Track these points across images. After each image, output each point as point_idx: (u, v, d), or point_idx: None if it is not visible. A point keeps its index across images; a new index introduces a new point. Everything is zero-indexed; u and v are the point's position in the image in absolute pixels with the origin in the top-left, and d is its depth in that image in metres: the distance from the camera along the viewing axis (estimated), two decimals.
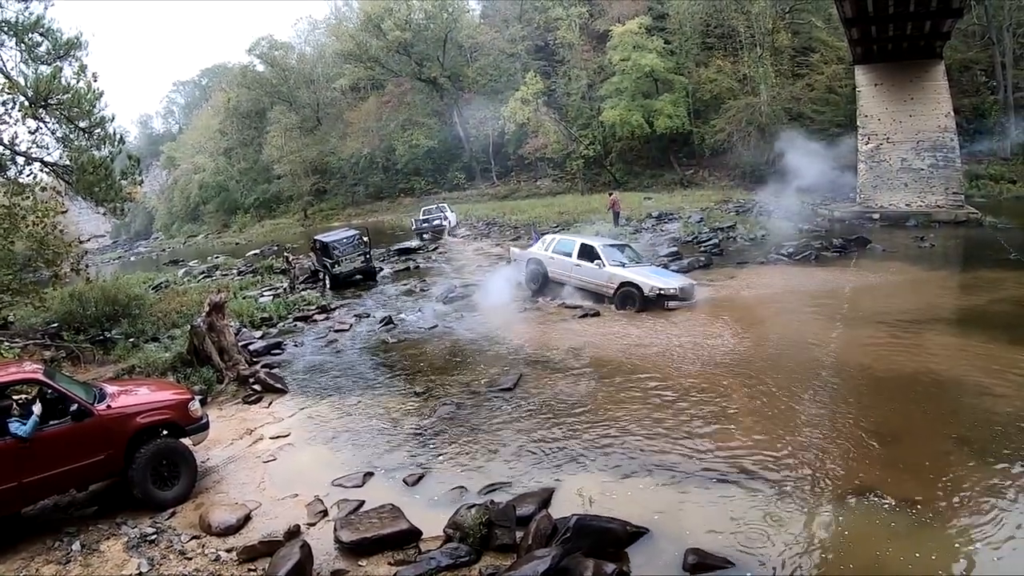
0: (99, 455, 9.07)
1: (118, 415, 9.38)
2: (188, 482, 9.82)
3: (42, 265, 19.06)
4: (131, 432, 9.39)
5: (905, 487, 8.24)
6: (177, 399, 10.23)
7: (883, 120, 33.14)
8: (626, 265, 19.78)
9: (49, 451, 8.68)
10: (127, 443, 9.32)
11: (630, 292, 18.73)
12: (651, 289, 18.31)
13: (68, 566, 8.14)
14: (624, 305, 18.78)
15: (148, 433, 9.60)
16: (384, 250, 35.13)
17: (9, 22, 21.07)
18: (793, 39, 50.87)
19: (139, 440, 9.45)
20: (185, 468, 9.81)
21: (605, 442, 10.27)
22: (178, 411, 10.01)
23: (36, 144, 21.38)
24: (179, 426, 9.97)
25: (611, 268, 19.46)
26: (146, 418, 9.60)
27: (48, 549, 8.51)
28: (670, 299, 18.19)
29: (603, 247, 20.32)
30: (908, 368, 12.44)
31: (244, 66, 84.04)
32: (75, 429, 8.92)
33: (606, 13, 57.54)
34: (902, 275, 20.93)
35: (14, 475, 8.41)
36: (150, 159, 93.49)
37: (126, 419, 9.42)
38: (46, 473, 8.65)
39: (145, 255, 72.06)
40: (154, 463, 9.49)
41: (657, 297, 18.20)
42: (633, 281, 18.76)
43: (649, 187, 51.93)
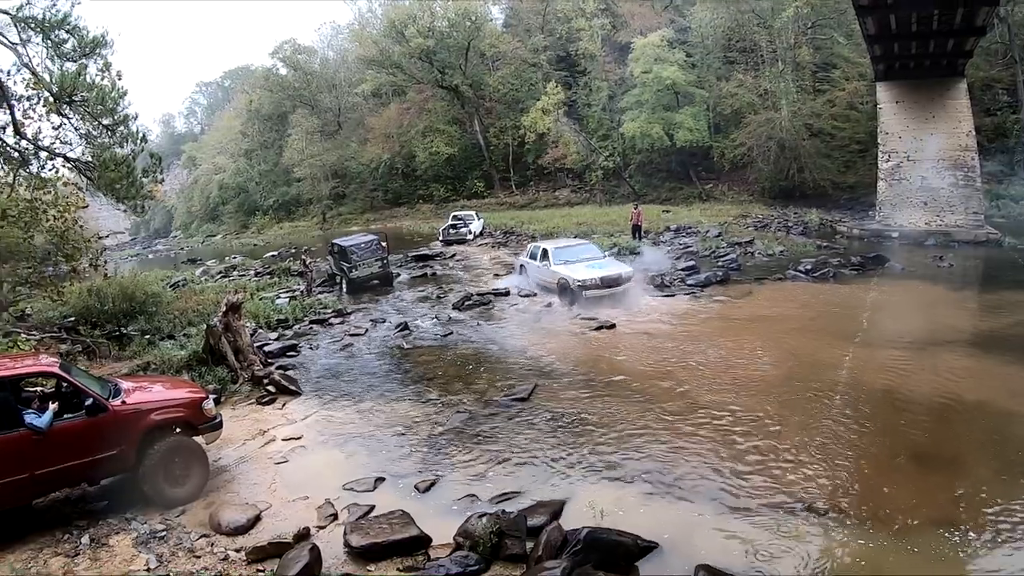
0: (112, 450, 9.11)
1: (132, 411, 9.43)
2: (199, 481, 9.84)
3: (61, 259, 19.14)
4: (145, 429, 9.43)
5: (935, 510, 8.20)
6: (191, 397, 10.28)
7: (904, 138, 32.96)
8: (570, 263, 22.44)
9: (63, 444, 8.72)
10: (140, 439, 9.37)
11: (565, 285, 21.65)
12: (574, 282, 21.22)
13: (76, 559, 8.17)
14: (562, 296, 21.69)
15: (161, 430, 9.63)
16: (401, 256, 35.09)
17: (36, 18, 21.25)
18: (815, 55, 50.48)
19: (152, 437, 9.50)
20: (197, 467, 9.84)
21: (618, 455, 10.22)
22: (192, 409, 10.06)
23: (59, 140, 21.58)
24: (192, 424, 10.02)
25: (555, 266, 22.52)
26: (160, 415, 9.65)
27: (57, 541, 8.56)
28: (590, 288, 20.90)
29: (554, 249, 23.68)
30: (928, 390, 12.33)
31: (267, 69, 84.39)
32: (89, 423, 8.97)
33: (628, 25, 57.50)
34: (920, 295, 20.74)
35: (27, 466, 8.46)
36: (171, 158, 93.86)
37: (140, 415, 9.47)
38: (58, 466, 8.70)
39: (163, 253, 72.34)
40: (166, 460, 9.51)
41: (579, 287, 21.00)
42: (564, 277, 21.68)
43: (668, 200, 51.76)
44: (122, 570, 7.86)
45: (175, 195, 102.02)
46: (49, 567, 7.96)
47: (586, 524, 7.98)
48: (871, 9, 26.81)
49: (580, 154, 56.31)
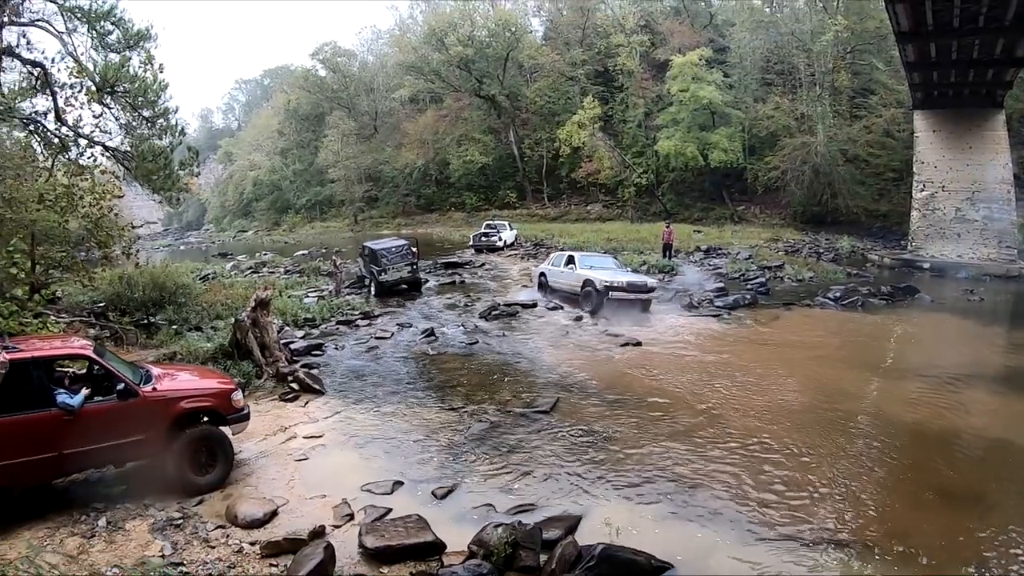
0: (140, 435, 9.26)
1: (163, 398, 9.57)
2: (224, 470, 9.99)
3: (94, 245, 19.34)
4: (174, 415, 9.57)
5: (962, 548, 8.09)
6: (221, 388, 10.42)
7: (939, 168, 32.76)
8: (596, 268, 23.37)
9: (92, 426, 8.88)
10: (169, 426, 9.50)
11: (589, 287, 22.31)
12: (600, 283, 21.93)
13: (92, 540, 8.24)
14: (587, 299, 22.38)
15: (190, 418, 9.78)
16: (431, 262, 35.18)
17: (82, 9, 21.62)
18: (853, 80, 50.33)
19: (181, 424, 9.64)
20: (222, 456, 9.99)
21: (637, 474, 10.14)
22: (221, 399, 10.18)
23: (99, 128, 21.94)
24: (221, 414, 10.14)
25: (580, 270, 23.44)
26: (189, 403, 9.78)
27: (75, 522, 8.64)
28: (616, 290, 21.69)
29: (581, 256, 25.03)
30: (953, 425, 12.14)
31: (307, 70, 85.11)
32: (120, 407, 9.13)
33: (667, 43, 57.44)
34: (949, 328, 20.55)
35: (56, 445, 8.64)
36: (207, 152, 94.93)
37: (170, 402, 9.60)
38: (87, 447, 8.88)
39: (195, 245, 73.05)
40: (193, 448, 9.68)
41: (606, 289, 21.73)
42: (591, 278, 22.40)
43: (699, 220, 51.71)
44: (137, 555, 7.90)
45: (209, 189, 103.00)
46: (65, 546, 8.01)
47: (601, 540, 7.93)
48: (911, 36, 26.71)
49: (614, 170, 56.27)
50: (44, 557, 7.19)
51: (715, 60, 53.68)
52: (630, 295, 21.58)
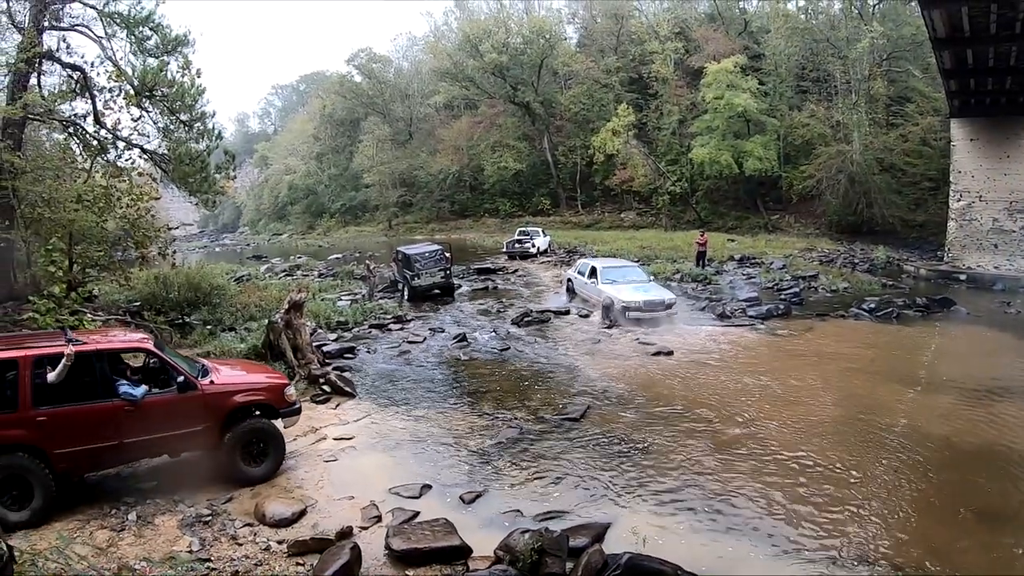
0: (197, 426, 9.72)
1: (220, 391, 10.05)
2: (275, 462, 10.39)
3: (131, 246, 19.66)
4: (230, 408, 10.03)
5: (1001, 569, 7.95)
6: (275, 383, 10.88)
7: (977, 177, 32.22)
8: (617, 283, 23.10)
9: (152, 416, 9.38)
10: (225, 418, 9.96)
11: (609, 304, 22.02)
12: (618, 302, 21.81)
13: (121, 534, 8.39)
14: (605, 314, 21.98)
15: (245, 411, 10.22)
16: (464, 268, 35.22)
17: (121, 14, 21.94)
18: (889, 87, 49.71)
19: (236, 416, 10.09)
20: (274, 449, 10.39)
21: (666, 484, 10.07)
22: (275, 394, 10.61)
23: (137, 131, 22.31)
24: (274, 408, 10.56)
25: (602, 284, 23.24)
26: (245, 397, 10.26)
27: (104, 515, 8.82)
28: (633, 310, 21.52)
29: (603, 268, 24.52)
30: (990, 442, 11.85)
31: (342, 75, 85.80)
32: (179, 399, 9.63)
33: (702, 50, 57.06)
34: (985, 342, 20.13)
35: (117, 434, 9.15)
36: (244, 156, 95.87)
37: (227, 395, 10.09)
38: (146, 436, 9.39)
39: (230, 247, 73.79)
40: (246, 440, 10.10)
41: (622, 308, 21.60)
42: (610, 296, 22.22)
43: (733, 229, 51.25)
44: (165, 549, 8.01)
45: (245, 192, 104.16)
46: (95, 539, 8.15)
47: (628, 550, 7.89)
48: (948, 42, 26.37)
49: (648, 177, 55.94)
50: (74, 548, 7.29)
51: (750, 67, 53.33)
52: (647, 313, 21.50)
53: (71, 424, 8.90)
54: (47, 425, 8.73)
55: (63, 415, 8.86)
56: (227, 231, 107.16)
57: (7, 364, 8.81)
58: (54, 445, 8.75)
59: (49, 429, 8.74)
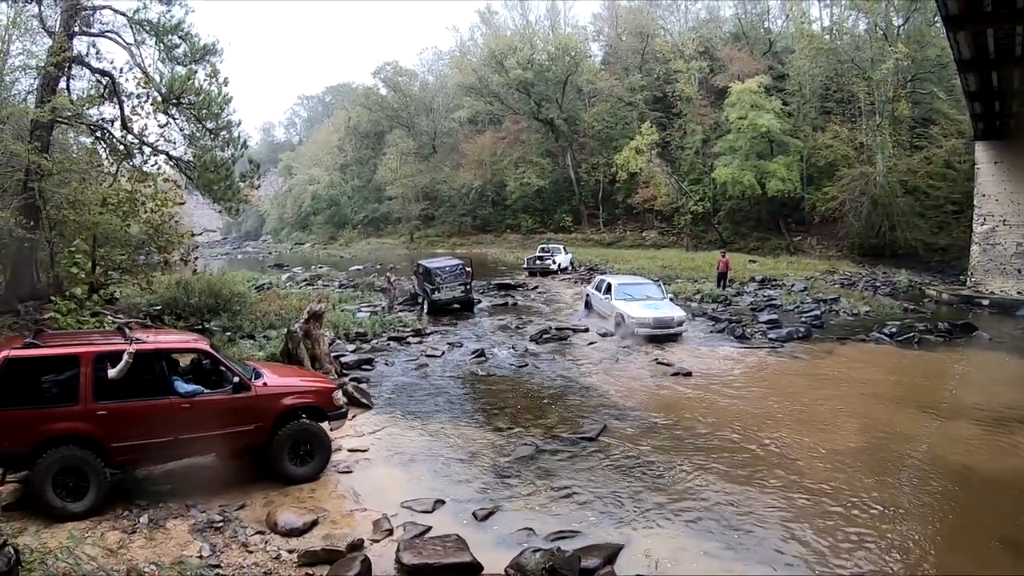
0: (249, 426, 10.08)
1: (272, 393, 10.41)
2: (321, 463, 10.68)
3: (154, 250, 19.83)
4: (281, 410, 10.35)
5: None
6: (324, 387, 11.31)
7: (1001, 201, 31.86)
8: (630, 300, 23.04)
9: (207, 414, 9.76)
10: (275, 419, 10.28)
11: (620, 320, 22.29)
12: (628, 319, 21.85)
13: (132, 536, 8.39)
14: (617, 329, 22.35)
15: (294, 413, 10.50)
16: (484, 283, 35.21)
17: (151, 22, 22.20)
18: (913, 109, 49.32)
19: (286, 418, 10.39)
20: (320, 450, 10.65)
21: (681, 507, 9.93)
22: (324, 397, 10.97)
23: (164, 138, 22.52)
24: (323, 411, 10.87)
25: (615, 301, 23.28)
26: (295, 399, 10.58)
27: (117, 517, 8.84)
28: (643, 327, 21.39)
29: (618, 285, 24.48)
30: (1014, 470, 11.63)
31: (368, 88, 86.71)
32: (233, 399, 10.03)
33: (726, 69, 57.21)
34: (1008, 368, 19.82)
35: (172, 430, 9.50)
36: (268, 165, 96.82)
37: (278, 397, 10.43)
38: (200, 434, 9.72)
39: (251, 255, 74.32)
40: (295, 441, 10.41)
41: (632, 324, 21.61)
42: (621, 312, 22.35)
43: (755, 250, 51.09)
44: (175, 554, 8.00)
45: (269, 201, 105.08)
46: (105, 540, 8.15)
47: (640, 572, 7.84)
48: (973, 64, 26.18)
49: (670, 196, 55.94)
50: (84, 549, 7.29)
51: (774, 87, 53.35)
52: (657, 331, 21.47)
53: (129, 419, 9.27)
54: (106, 419, 9.07)
55: (122, 410, 9.23)
56: (250, 239, 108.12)
57: (70, 360, 9.14)
58: (112, 439, 9.10)
59: (108, 423, 9.07)
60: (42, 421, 8.85)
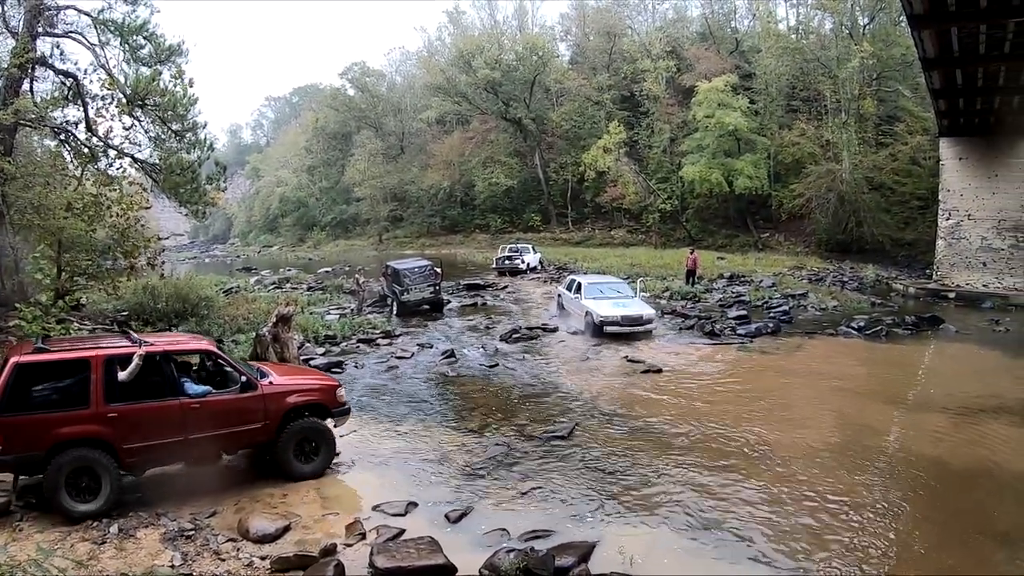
0: (256, 424, 10.36)
1: (278, 392, 10.70)
2: (325, 460, 11.00)
3: (120, 255, 19.58)
4: (287, 408, 10.66)
5: None
6: (327, 384, 11.61)
7: (965, 196, 32.42)
8: (599, 298, 23.13)
9: (216, 414, 10.04)
10: (282, 417, 10.57)
11: (590, 318, 22.28)
12: (597, 317, 21.92)
13: (103, 547, 8.28)
14: (587, 328, 22.40)
15: (299, 411, 10.80)
16: (454, 284, 35.17)
17: (115, 22, 21.90)
18: (879, 107, 50.10)
19: (291, 416, 10.68)
20: (325, 446, 10.97)
21: (654, 503, 10.01)
22: (328, 394, 11.26)
23: (129, 140, 22.16)
24: (327, 408, 11.16)
25: (585, 300, 23.27)
26: (300, 397, 10.89)
27: (86, 527, 8.70)
28: (611, 324, 21.64)
29: (587, 284, 24.59)
30: (988, 462, 11.73)
31: (335, 89, 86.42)
32: (241, 399, 10.30)
33: (693, 68, 57.38)
34: (974, 360, 20.14)
35: (183, 430, 9.72)
36: (235, 167, 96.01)
37: (284, 396, 10.72)
38: (209, 433, 9.97)
39: (219, 259, 73.70)
40: (300, 438, 10.71)
41: (600, 322, 21.72)
42: (589, 310, 22.42)
43: (723, 247, 51.47)
44: (146, 564, 7.91)
45: (236, 204, 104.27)
46: (75, 551, 8.04)
47: (615, 570, 7.87)
48: (937, 63, 26.50)
49: (638, 195, 56.20)
50: (53, 561, 7.19)
51: (741, 86, 53.60)
52: (626, 328, 21.66)
53: (140, 421, 9.49)
54: (117, 421, 9.27)
55: (133, 412, 9.44)
56: (217, 242, 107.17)
57: (81, 364, 9.33)
58: (123, 440, 9.31)
59: (119, 425, 9.28)
60: (54, 425, 9.00)
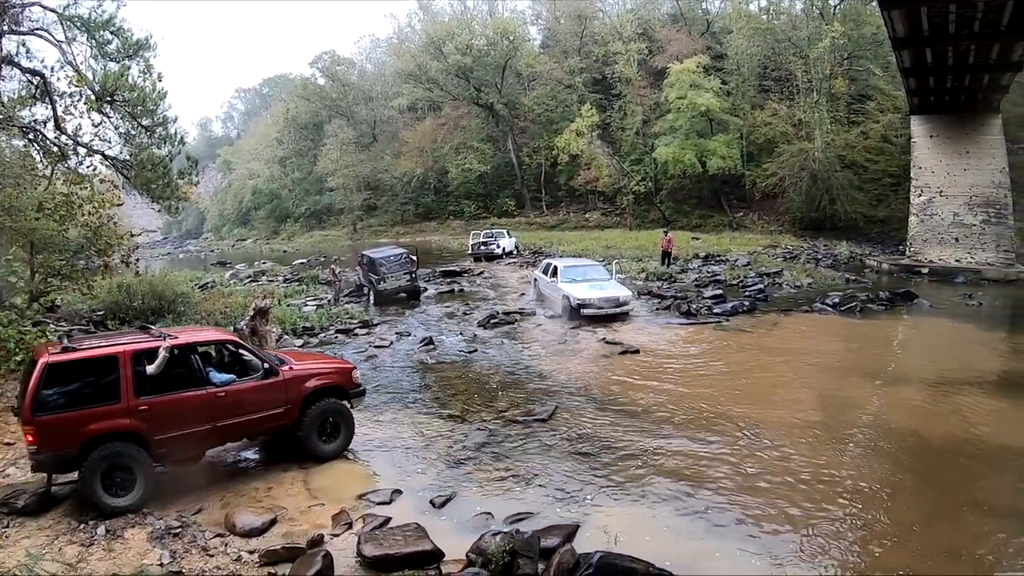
0: (279, 409, 10.78)
1: (298, 376, 11.12)
2: (346, 439, 11.48)
3: (94, 254, 19.41)
4: (308, 391, 11.08)
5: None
6: (344, 367, 12.10)
7: (937, 173, 32.76)
8: (576, 281, 23.11)
9: (241, 401, 10.43)
10: (303, 400, 11.00)
11: (567, 301, 22.30)
12: (574, 300, 21.94)
13: (91, 548, 8.29)
14: (564, 312, 22.44)
15: (319, 394, 11.22)
16: (430, 271, 35.12)
17: (82, 18, 21.65)
18: (850, 86, 50.43)
19: (312, 399, 11.11)
20: (345, 427, 11.46)
21: (636, 482, 10.14)
22: (345, 377, 11.77)
23: (99, 137, 21.93)
24: (344, 390, 11.65)
25: (561, 283, 23.29)
26: (320, 381, 11.33)
27: (73, 530, 8.71)
28: (588, 307, 21.66)
29: (564, 268, 24.49)
30: (972, 436, 11.87)
31: (305, 78, 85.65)
32: (264, 385, 10.73)
33: (665, 50, 57.49)
34: (948, 334, 20.42)
35: (210, 419, 10.10)
36: (206, 161, 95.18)
37: (304, 380, 11.15)
38: (235, 420, 10.36)
39: (194, 254, 73.15)
40: (322, 419, 11.16)
41: (578, 305, 21.73)
42: (566, 293, 22.46)
43: (698, 227, 51.62)
44: (135, 563, 7.93)
45: (208, 198, 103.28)
46: (64, 555, 8.04)
47: (599, 548, 7.92)
48: (907, 42, 26.75)
49: (612, 177, 56.29)
50: (43, 566, 7.21)
51: (712, 67, 53.79)
52: (602, 310, 21.73)
53: (169, 412, 9.77)
54: (148, 414, 9.56)
55: (162, 404, 9.72)
56: (191, 237, 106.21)
57: (109, 360, 9.54)
58: (154, 432, 9.60)
59: (150, 418, 9.57)
60: (87, 421, 9.18)
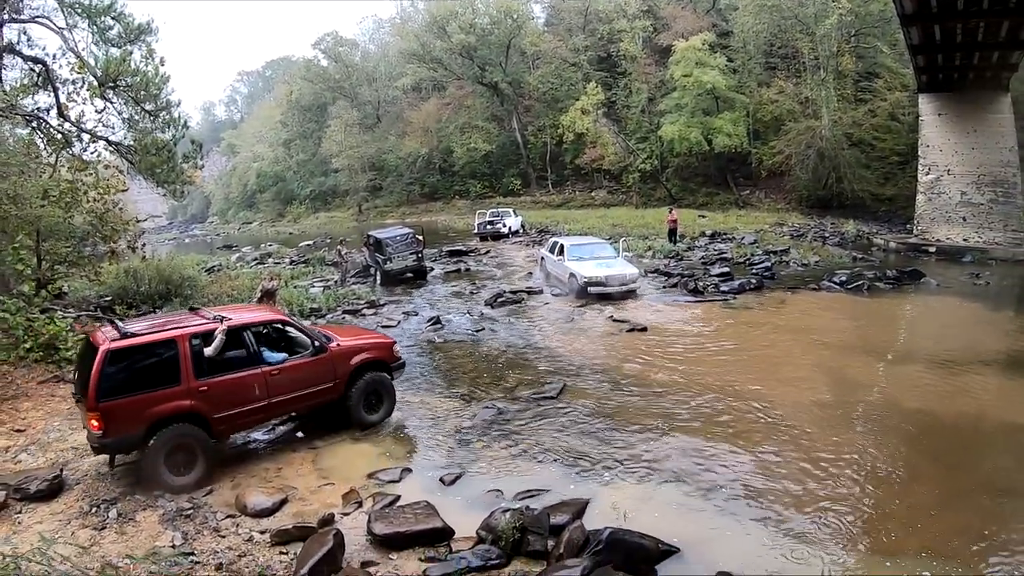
0: (328, 383, 11.27)
1: (345, 351, 11.62)
2: (388, 409, 12.09)
3: (100, 240, 19.45)
4: (354, 366, 11.60)
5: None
6: (385, 342, 12.69)
7: (944, 151, 32.55)
8: (582, 259, 23.35)
9: (294, 378, 10.85)
10: (350, 374, 11.51)
11: (573, 279, 22.54)
12: (581, 278, 22.15)
13: (103, 532, 8.32)
14: (571, 290, 22.65)
15: (364, 367, 11.74)
16: (436, 250, 35.15)
17: (83, 4, 21.62)
18: (857, 63, 49.87)
19: (358, 372, 11.64)
20: (387, 398, 12.08)
21: (645, 459, 10.18)
22: (387, 351, 12.37)
23: (102, 123, 21.98)
24: (386, 363, 12.19)
25: (568, 261, 23.45)
26: (364, 355, 11.85)
27: (85, 514, 8.72)
28: (595, 285, 21.84)
29: (570, 246, 24.77)
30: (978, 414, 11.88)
31: (308, 60, 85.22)
32: (314, 361, 11.16)
33: (670, 28, 57.00)
34: (955, 312, 20.37)
35: (265, 396, 10.47)
36: (211, 145, 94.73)
37: (350, 355, 11.65)
38: (288, 395, 10.77)
39: (200, 238, 73.29)
40: (367, 391, 11.70)
41: (584, 283, 21.97)
42: (573, 272, 22.65)
43: (704, 205, 51.55)
44: (148, 545, 7.96)
45: (213, 181, 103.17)
46: (76, 538, 8.06)
47: (609, 525, 7.94)
48: (916, 18, 26.56)
49: (618, 155, 56.06)
50: (56, 549, 7.24)
51: (718, 45, 53.33)
52: (609, 288, 21.80)
53: (227, 391, 10.12)
54: (208, 394, 9.90)
55: (221, 384, 10.07)
56: (196, 221, 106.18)
57: (168, 343, 9.82)
58: (214, 411, 9.95)
59: (209, 398, 9.91)
60: (149, 404, 9.45)
